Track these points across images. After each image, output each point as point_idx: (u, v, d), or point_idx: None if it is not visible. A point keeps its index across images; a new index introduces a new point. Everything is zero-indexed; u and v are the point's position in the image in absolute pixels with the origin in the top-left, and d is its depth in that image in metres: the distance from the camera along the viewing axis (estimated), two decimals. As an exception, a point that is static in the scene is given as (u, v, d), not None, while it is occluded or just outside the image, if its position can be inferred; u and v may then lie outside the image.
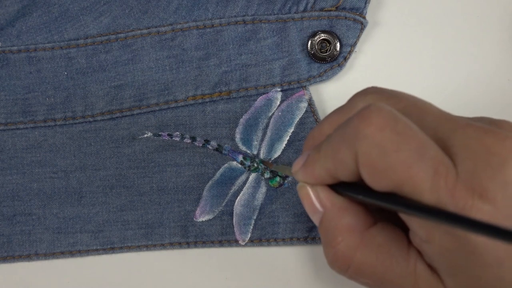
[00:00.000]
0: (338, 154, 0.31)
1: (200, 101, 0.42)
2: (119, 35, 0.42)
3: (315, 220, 0.34)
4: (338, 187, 0.34)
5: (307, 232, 0.41)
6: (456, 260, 0.29)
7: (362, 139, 0.30)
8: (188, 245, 0.42)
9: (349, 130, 0.31)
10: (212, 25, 0.42)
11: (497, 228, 0.26)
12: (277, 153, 0.42)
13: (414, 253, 0.32)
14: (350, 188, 0.33)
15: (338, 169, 0.32)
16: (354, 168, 0.31)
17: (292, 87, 0.42)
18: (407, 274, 0.32)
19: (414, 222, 0.30)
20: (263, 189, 0.42)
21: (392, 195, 0.30)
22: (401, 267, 0.32)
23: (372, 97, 0.33)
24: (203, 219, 0.42)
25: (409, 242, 0.32)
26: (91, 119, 0.42)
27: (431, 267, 0.31)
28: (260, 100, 0.42)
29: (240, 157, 0.42)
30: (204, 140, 0.42)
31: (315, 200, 0.34)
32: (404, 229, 0.33)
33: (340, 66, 0.42)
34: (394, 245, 0.32)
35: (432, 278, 0.31)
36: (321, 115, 0.42)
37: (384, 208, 0.31)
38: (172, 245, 0.42)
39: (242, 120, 0.42)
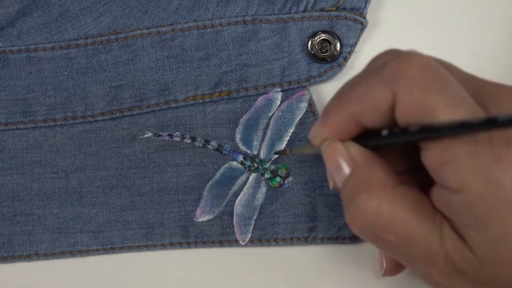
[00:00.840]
0: (371, 96, 0.31)
1: (200, 101, 0.42)
2: (119, 35, 0.42)
3: (338, 179, 0.33)
4: (361, 139, 0.32)
5: (307, 232, 0.41)
6: (487, 210, 0.29)
7: (403, 78, 0.30)
8: (188, 245, 0.42)
9: (388, 70, 0.30)
10: (212, 25, 0.42)
11: None
12: (277, 153, 0.42)
13: (439, 214, 0.31)
14: (370, 135, 0.32)
15: (367, 113, 0.31)
16: (387, 109, 0.31)
17: (292, 87, 0.42)
18: (435, 232, 0.31)
19: (446, 171, 0.30)
20: (263, 189, 0.42)
21: (421, 125, 0.30)
22: (429, 225, 0.31)
23: (396, 51, 0.33)
24: (203, 219, 0.42)
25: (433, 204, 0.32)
26: (91, 119, 0.42)
27: (454, 228, 0.31)
28: (260, 100, 0.42)
29: (240, 157, 0.42)
30: (204, 140, 0.42)
31: (344, 157, 0.33)
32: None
33: (340, 66, 0.42)
34: (422, 204, 0.32)
35: (456, 237, 0.31)
36: (321, 115, 0.42)
37: (415, 141, 0.30)
38: (172, 245, 0.42)
39: (242, 120, 0.42)
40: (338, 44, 0.42)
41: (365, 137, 0.33)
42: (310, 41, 0.42)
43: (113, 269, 0.42)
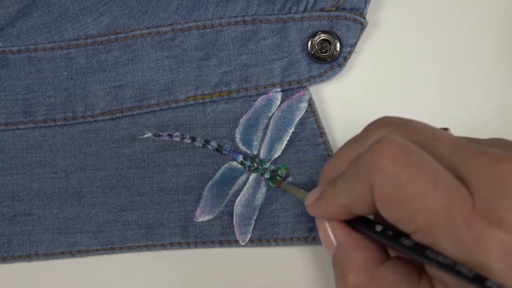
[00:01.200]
0: (353, 189, 0.32)
1: (200, 101, 0.42)
2: (119, 35, 0.42)
3: (329, 253, 0.35)
4: (354, 222, 0.34)
5: (307, 232, 0.41)
6: None
7: (376, 172, 0.30)
8: (188, 245, 0.42)
9: (362, 164, 0.31)
10: (212, 25, 0.42)
11: None
12: (277, 153, 0.42)
13: (425, 287, 0.32)
14: (365, 224, 0.33)
15: (353, 204, 0.32)
16: (370, 202, 0.31)
17: (292, 87, 0.42)
18: None
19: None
20: (263, 189, 0.42)
21: (413, 243, 0.31)
22: None
23: (384, 130, 0.33)
24: (203, 219, 0.42)
25: (420, 276, 0.33)
26: (91, 119, 0.42)
27: None
28: (260, 100, 0.42)
29: (240, 157, 0.42)
30: (204, 140, 0.42)
31: (331, 235, 0.34)
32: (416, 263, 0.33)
33: (340, 66, 0.42)
34: (404, 282, 0.32)
35: None
36: (321, 115, 0.42)
37: (399, 251, 0.32)
38: (172, 245, 0.42)
39: (242, 120, 0.42)
40: (338, 44, 0.42)
41: (359, 222, 0.34)
42: (310, 41, 0.42)
43: (113, 269, 0.42)
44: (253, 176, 0.42)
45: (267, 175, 0.42)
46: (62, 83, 0.42)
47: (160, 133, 0.42)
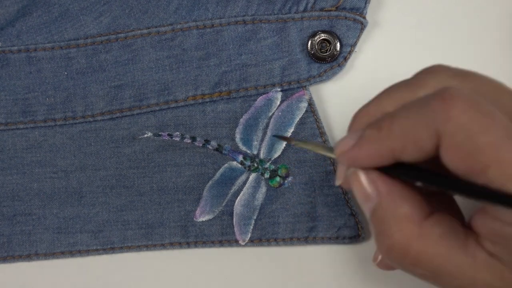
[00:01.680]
0: (412, 134, 0.30)
1: (200, 101, 0.42)
2: (119, 35, 0.42)
3: (366, 208, 0.33)
4: (391, 171, 0.32)
5: (307, 232, 0.41)
6: None
7: (447, 121, 0.29)
8: (188, 245, 0.42)
9: (430, 110, 0.30)
10: (212, 25, 0.42)
11: None
12: (277, 153, 0.42)
13: (472, 243, 0.31)
14: (410, 171, 0.31)
15: (407, 149, 0.31)
16: (430, 149, 0.30)
17: (292, 87, 0.42)
18: (467, 264, 0.31)
19: (502, 212, 0.29)
20: (263, 189, 0.42)
21: (460, 181, 0.29)
22: (460, 258, 0.31)
23: (443, 75, 0.32)
24: (203, 219, 0.42)
25: (466, 231, 0.32)
26: (91, 119, 0.42)
27: (493, 254, 0.31)
28: (260, 100, 0.42)
29: (240, 157, 0.42)
30: (204, 140, 0.42)
31: (369, 187, 0.32)
32: (459, 218, 0.32)
33: (340, 66, 0.42)
34: (452, 236, 0.31)
35: (493, 262, 0.30)
36: (321, 115, 0.42)
37: (448, 193, 0.30)
38: (172, 245, 0.42)
39: (242, 120, 0.42)
40: (338, 44, 0.42)
41: (398, 169, 0.32)
42: (310, 41, 0.42)
43: (113, 269, 0.42)
44: (253, 176, 0.42)
45: (267, 175, 0.42)
46: (62, 83, 0.42)
47: (160, 133, 0.42)
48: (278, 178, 0.42)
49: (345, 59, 0.42)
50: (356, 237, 0.41)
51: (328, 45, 0.42)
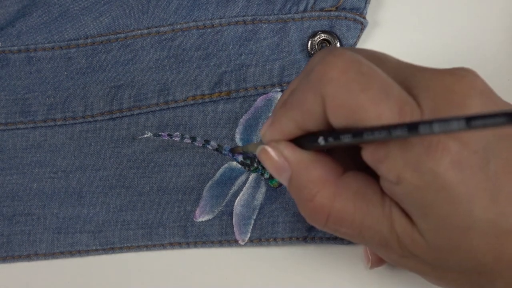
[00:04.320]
0: (305, 103, 0.31)
1: (200, 101, 0.42)
2: (119, 35, 0.42)
3: (283, 179, 0.34)
4: (302, 141, 0.33)
5: (306, 231, 0.41)
6: (426, 199, 0.29)
7: (327, 82, 0.30)
8: (188, 245, 0.42)
9: (314, 76, 0.31)
10: (212, 25, 0.42)
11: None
12: (277, 153, 0.42)
13: (388, 199, 0.32)
14: (312, 138, 0.32)
15: (306, 119, 0.32)
16: (322, 114, 0.31)
17: (292, 87, 0.42)
18: (384, 218, 0.32)
19: (383, 167, 0.30)
20: (262, 189, 0.42)
21: (351, 136, 0.30)
22: (378, 212, 0.32)
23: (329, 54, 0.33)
24: (203, 219, 0.42)
25: (382, 190, 0.32)
26: (91, 119, 0.42)
27: (405, 211, 0.31)
28: (260, 100, 0.42)
29: (240, 157, 0.42)
30: (204, 140, 0.42)
31: (279, 159, 0.33)
32: (375, 177, 0.33)
33: (340, 66, 0.42)
34: (369, 191, 0.32)
35: (406, 222, 0.31)
36: (321, 115, 0.42)
37: (350, 145, 0.31)
38: (172, 245, 0.42)
39: (242, 120, 0.42)
40: (338, 44, 0.42)
41: (307, 139, 0.33)
42: (310, 41, 0.42)
43: (113, 269, 0.42)
44: (252, 176, 0.42)
45: (266, 175, 0.42)
46: (62, 83, 0.42)
47: (160, 133, 0.42)
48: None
49: (345, 59, 0.42)
50: (356, 237, 0.41)
51: (328, 45, 0.42)
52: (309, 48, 0.42)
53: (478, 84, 0.31)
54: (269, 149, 0.33)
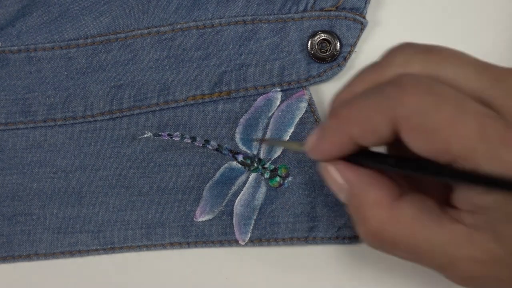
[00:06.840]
0: (370, 122, 0.31)
1: (200, 101, 0.42)
2: (119, 35, 0.42)
3: (342, 199, 0.34)
4: (358, 159, 0.33)
5: (307, 232, 0.41)
6: None
7: (400, 106, 0.30)
8: (188, 245, 0.42)
9: (384, 97, 0.31)
10: (212, 25, 0.42)
11: None
12: (277, 153, 0.42)
13: (448, 220, 0.31)
14: (374, 157, 0.32)
15: (366, 137, 0.32)
16: (387, 135, 0.31)
17: (292, 87, 0.42)
18: (445, 242, 0.31)
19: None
20: (263, 189, 0.42)
21: (425, 162, 0.30)
22: (437, 236, 0.31)
23: (408, 52, 0.33)
24: (203, 219, 0.42)
25: (441, 209, 0.32)
26: (91, 119, 0.42)
27: (474, 226, 0.31)
28: (260, 100, 0.42)
29: (240, 157, 0.42)
30: (204, 140, 0.42)
31: (340, 178, 0.33)
32: (438, 195, 0.33)
33: (340, 66, 0.42)
34: (425, 215, 0.32)
35: (476, 237, 0.31)
36: (321, 115, 0.42)
37: (413, 176, 0.31)
38: (172, 245, 0.42)
39: (242, 120, 0.42)
40: (338, 44, 0.42)
41: (363, 156, 0.33)
42: (309, 41, 0.42)
43: (113, 269, 0.42)
44: (253, 176, 0.42)
45: (267, 175, 0.42)
46: (62, 83, 0.42)
47: (160, 133, 0.42)
48: (278, 178, 0.42)
49: (345, 59, 0.42)
50: (356, 237, 0.41)
51: (328, 45, 0.42)
52: (309, 48, 0.42)
53: None
54: (331, 168, 0.33)
